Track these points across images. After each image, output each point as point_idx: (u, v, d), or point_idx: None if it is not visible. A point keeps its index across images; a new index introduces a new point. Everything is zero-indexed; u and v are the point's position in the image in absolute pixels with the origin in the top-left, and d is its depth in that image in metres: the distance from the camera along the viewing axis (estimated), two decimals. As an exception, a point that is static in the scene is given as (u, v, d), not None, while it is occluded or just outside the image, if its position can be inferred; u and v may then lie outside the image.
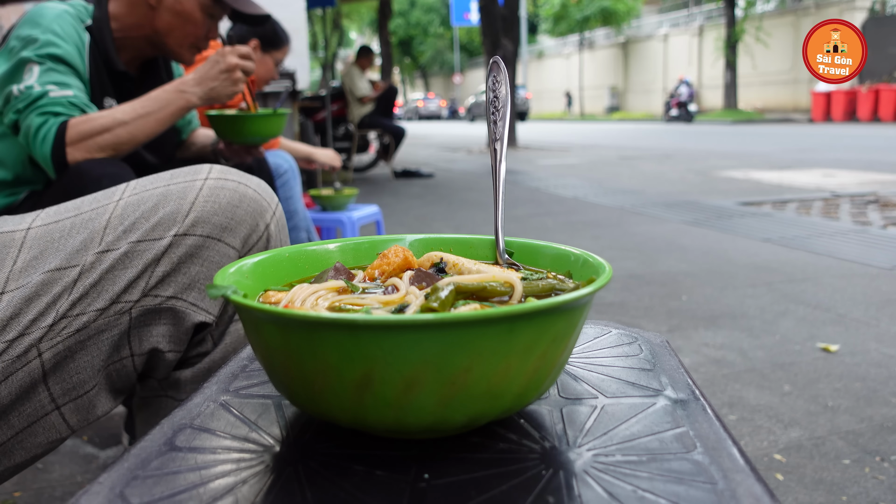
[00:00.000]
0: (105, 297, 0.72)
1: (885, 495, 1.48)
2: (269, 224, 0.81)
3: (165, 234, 0.74)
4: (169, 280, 0.75)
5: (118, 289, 0.72)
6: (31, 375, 0.70)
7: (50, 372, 0.71)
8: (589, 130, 20.26)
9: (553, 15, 34.75)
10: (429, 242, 0.64)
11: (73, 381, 0.73)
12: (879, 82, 18.51)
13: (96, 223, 0.74)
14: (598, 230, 4.62)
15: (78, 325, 0.71)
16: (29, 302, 0.70)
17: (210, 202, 0.76)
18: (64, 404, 0.73)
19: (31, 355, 0.69)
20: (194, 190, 0.77)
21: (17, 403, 0.70)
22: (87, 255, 0.72)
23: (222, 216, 0.77)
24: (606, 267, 0.50)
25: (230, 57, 1.48)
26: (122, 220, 0.74)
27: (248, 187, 0.80)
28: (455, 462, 0.42)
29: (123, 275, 0.73)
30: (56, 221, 0.76)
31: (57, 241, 0.74)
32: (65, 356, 0.71)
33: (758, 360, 2.27)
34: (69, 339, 0.71)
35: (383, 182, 7.80)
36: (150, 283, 0.74)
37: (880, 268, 3.38)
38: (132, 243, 0.73)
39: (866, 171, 7.27)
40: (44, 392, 0.71)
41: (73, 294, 0.71)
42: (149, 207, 0.75)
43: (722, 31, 23.28)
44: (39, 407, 0.71)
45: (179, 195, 0.76)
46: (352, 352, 0.39)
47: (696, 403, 0.49)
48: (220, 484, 0.40)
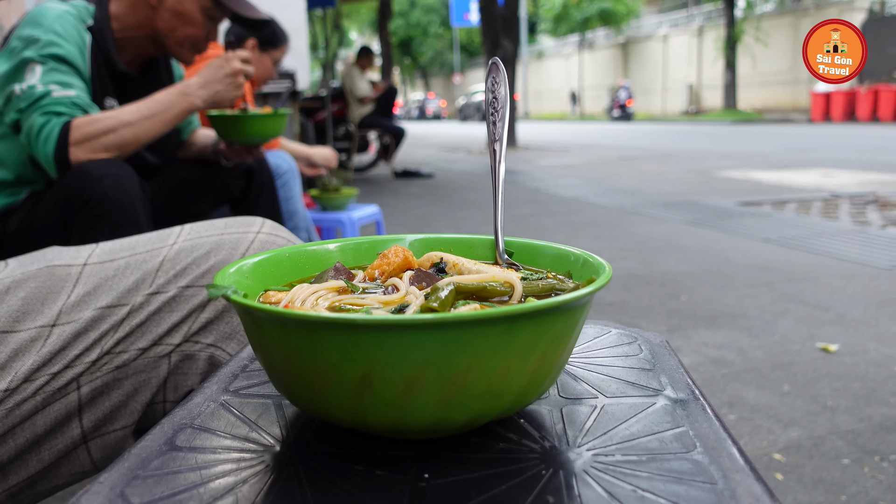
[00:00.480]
0: (148, 338, 0.73)
1: (884, 495, 1.48)
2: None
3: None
4: (211, 328, 0.76)
5: (162, 331, 0.74)
6: (68, 408, 0.71)
7: (85, 406, 0.72)
8: (589, 130, 20.26)
9: (553, 16, 34.77)
10: (429, 242, 0.64)
11: (105, 416, 0.74)
12: (879, 82, 18.51)
13: (149, 265, 0.76)
14: (598, 230, 4.62)
15: (118, 363, 0.72)
16: (77, 337, 0.71)
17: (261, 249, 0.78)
18: (92, 439, 0.73)
19: (70, 388, 0.71)
20: (246, 242, 0.79)
21: (50, 435, 0.71)
22: (137, 295, 0.74)
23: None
24: (606, 267, 0.50)
25: (234, 62, 1.49)
26: (175, 264, 0.76)
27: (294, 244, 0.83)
28: (455, 462, 0.42)
29: (169, 318, 0.74)
30: (111, 260, 0.77)
31: (111, 279, 0.75)
32: (101, 391, 0.73)
33: (757, 359, 2.27)
34: (108, 375, 0.72)
35: (383, 182, 7.80)
36: (192, 329, 0.75)
37: (879, 268, 3.38)
38: (181, 288, 0.75)
39: (865, 172, 7.27)
40: (76, 426, 0.72)
41: (119, 332, 0.72)
42: (201, 254, 0.77)
43: (721, 32, 23.29)
44: (70, 442, 0.72)
45: (232, 245, 0.78)
46: (352, 352, 0.39)
47: (696, 403, 0.49)
48: (220, 483, 0.40)
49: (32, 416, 0.69)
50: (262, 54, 2.98)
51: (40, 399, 0.69)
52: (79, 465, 0.74)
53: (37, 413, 0.69)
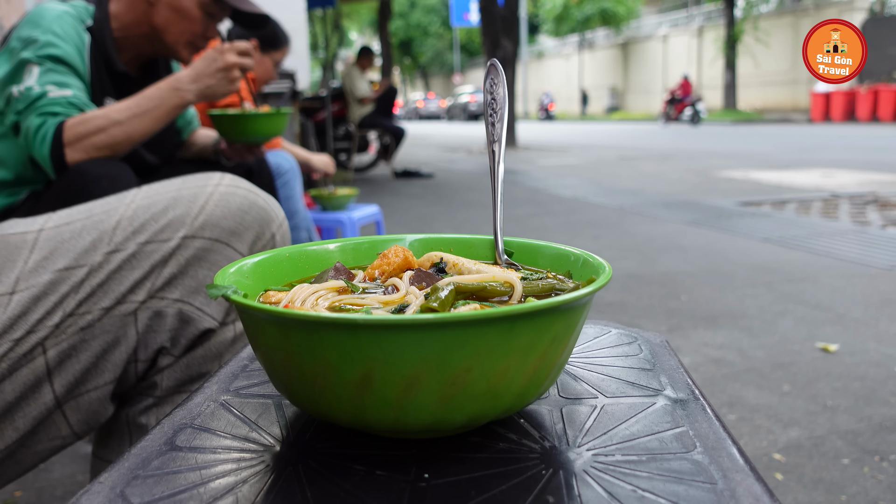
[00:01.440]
0: (111, 297, 0.73)
1: (884, 494, 1.48)
2: (276, 233, 0.83)
3: (174, 235, 0.75)
4: (176, 282, 0.75)
5: (124, 289, 0.73)
6: (36, 373, 0.71)
7: (54, 369, 0.72)
8: (589, 130, 20.26)
9: (554, 16, 34.79)
10: (429, 242, 0.64)
11: (76, 378, 0.73)
12: (878, 82, 18.52)
13: (106, 224, 0.75)
14: (598, 230, 4.62)
15: (83, 324, 0.72)
16: (37, 301, 0.71)
17: (220, 206, 0.77)
18: (66, 402, 0.73)
19: (36, 353, 0.70)
20: (205, 194, 0.78)
21: (21, 402, 0.71)
22: (95, 255, 0.73)
23: (231, 220, 0.78)
24: (606, 267, 0.50)
25: (228, 55, 1.47)
26: (133, 221, 0.75)
27: (258, 196, 0.82)
28: (455, 462, 0.42)
29: (130, 275, 0.73)
30: (67, 223, 0.76)
31: (67, 241, 0.74)
32: (69, 354, 0.72)
33: (757, 359, 2.27)
34: (74, 337, 0.72)
35: (383, 182, 7.80)
36: (156, 285, 0.74)
37: (879, 268, 3.38)
38: (140, 244, 0.74)
39: (865, 171, 7.27)
40: (48, 390, 0.72)
41: (80, 293, 0.72)
42: (159, 210, 0.76)
43: (721, 32, 23.30)
44: (43, 406, 0.72)
45: (190, 199, 0.77)
46: (352, 352, 0.39)
47: (696, 403, 0.49)
48: (220, 483, 0.40)
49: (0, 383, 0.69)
50: (263, 55, 2.98)
51: (6, 366, 0.69)
52: (56, 431, 0.74)
53: (4, 381, 0.69)
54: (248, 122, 1.72)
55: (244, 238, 0.79)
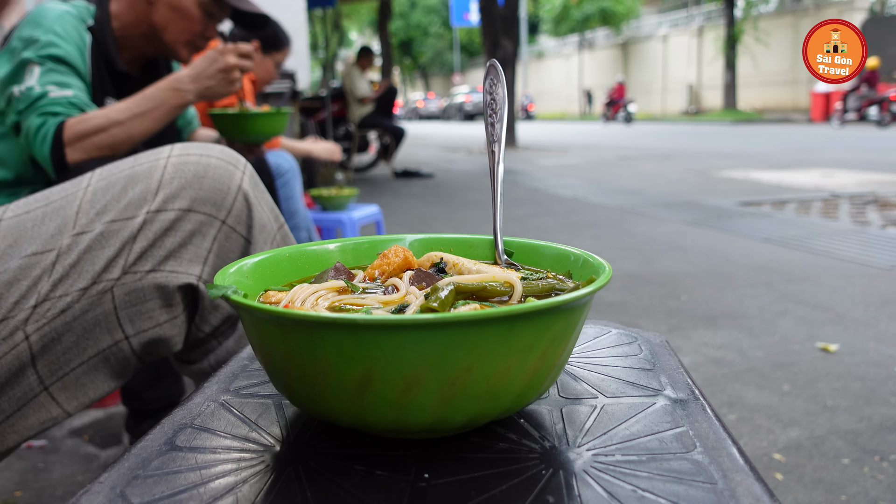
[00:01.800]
0: (86, 277, 0.74)
1: (884, 494, 1.48)
2: (241, 183, 0.83)
3: (138, 212, 0.76)
4: (147, 255, 0.76)
5: (98, 268, 0.74)
6: (20, 358, 0.72)
7: (38, 355, 0.73)
8: (589, 131, 20.26)
9: (554, 16, 34.80)
10: (429, 242, 0.64)
11: (60, 361, 0.74)
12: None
13: (68, 210, 0.77)
14: (598, 230, 4.62)
15: (62, 306, 0.73)
16: (9, 286, 0.72)
17: (177, 178, 0.78)
18: (51, 384, 0.74)
19: (17, 338, 0.71)
20: (159, 168, 0.79)
21: (6, 387, 0.72)
22: (62, 238, 0.75)
23: (190, 189, 0.79)
24: (606, 267, 0.50)
25: (229, 56, 1.47)
26: (94, 204, 0.77)
27: (211, 157, 0.82)
28: (455, 462, 0.42)
29: (102, 254, 0.74)
30: (27, 212, 0.78)
31: (30, 229, 0.76)
32: (52, 338, 0.73)
33: (757, 359, 2.27)
34: (55, 321, 0.73)
35: (383, 182, 7.80)
36: (129, 261, 0.75)
37: (879, 268, 3.38)
38: (106, 223, 0.75)
39: (865, 172, 7.27)
40: (32, 374, 0.73)
41: (53, 275, 0.73)
42: (118, 190, 0.77)
43: (721, 32, 23.30)
44: (28, 389, 0.73)
45: (146, 175, 0.78)
46: (352, 352, 0.39)
47: (696, 403, 0.49)
48: (220, 483, 0.40)
49: None
50: (264, 57, 2.98)
51: None
52: (46, 412, 0.75)
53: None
54: (248, 121, 1.72)
55: (208, 200, 0.80)
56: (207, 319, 0.85)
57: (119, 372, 0.79)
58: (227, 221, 0.80)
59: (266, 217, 0.86)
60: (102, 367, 0.77)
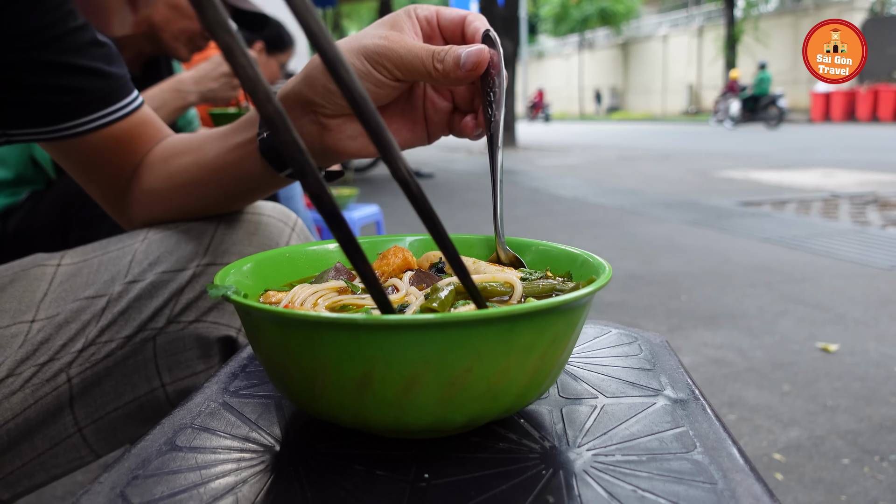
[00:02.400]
0: (132, 325, 0.76)
1: (884, 495, 1.48)
2: (290, 240, 0.85)
3: (188, 265, 0.78)
4: (192, 306, 0.78)
5: (145, 317, 0.76)
6: (59, 399, 0.73)
7: (77, 397, 0.74)
8: (589, 131, 20.26)
9: (553, 16, 34.79)
10: (429, 242, 0.64)
11: (97, 405, 0.76)
12: (878, 82, 18.53)
13: (123, 260, 0.79)
14: (598, 230, 4.62)
15: (106, 352, 0.75)
16: (59, 328, 0.73)
17: (228, 234, 0.81)
18: (85, 426, 0.76)
19: (60, 379, 0.73)
20: (212, 225, 0.81)
21: (42, 426, 0.73)
22: (115, 286, 0.77)
23: (240, 244, 0.81)
24: (606, 267, 0.50)
25: None
26: (147, 255, 0.79)
27: (262, 215, 0.85)
28: (455, 462, 0.42)
29: (150, 303, 0.77)
30: (84, 260, 0.80)
31: (86, 276, 0.78)
32: (92, 382, 0.75)
33: (757, 359, 2.27)
34: (98, 366, 0.75)
35: (383, 182, 7.80)
36: (174, 311, 0.77)
37: (879, 268, 3.38)
38: (158, 274, 0.77)
39: (865, 172, 7.27)
40: (69, 416, 0.75)
41: (101, 321, 0.75)
42: (172, 243, 0.80)
43: (721, 32, 23.31)
44: (63, 430, 0.75)
45: (200, 231, 0.81)
46: (352, 352, 0.39)
47: (696, 403, 0.49)
48: (220, 483, 0.40)
49: (24, 410, 0.71)
50: (269, 58, 2.99)
51: (29, 392, 0.71)
52: (76, 453, 0.76)
53: (28, 407, 0.72)
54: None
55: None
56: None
57: (150, 417, 0.81)
58: None
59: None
60: (136, 413, 0.79)
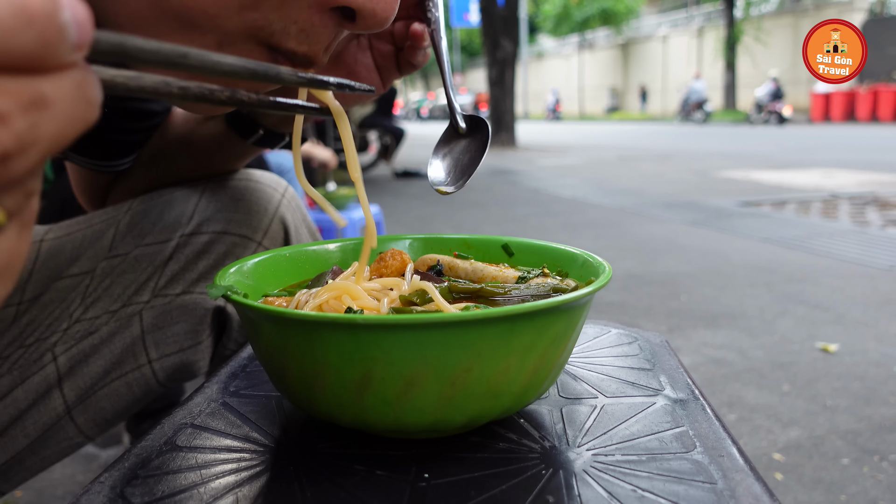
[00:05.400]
0: (116, 300, 0.74)
1: (883, 494, 1.48)
2: (279, 207, 0.82)
3: (172, 235, 0.76)
4: (178, 278, 0.76)
5: (129, 291, 0.74)
6: (47, 380, 0.72)
7: (65, 376, 0.73)
8: (588, 131, 20.26)
9: (554, 16, 34.79)
10: (429, 242, 0.64)
11: (86, 384, 0.74)
12: (878, 83, 18.53)
13: (107, 233, 0.77)
14: (598, 230, 4.62)
15: (91, 328, 0.73)
16: (44, 308, 0.72)
17: (213, 201, 0.78)
18: (75, 407, 0.74)
19: (46, 359, 0.71)
20: (196, 193, 0.78)
21: (32, 409, 0.72)
22: (98, 260, 0.74)
23: (226, 211, 0.78)
24: (606, 267, 0.50)
25: None
26: (131, 228, 0.77)
27: (250, 181, 0.82)
28: (455, 462, 0.42)
29: (133, 277, 0.74)
30: (67, 234, 0.78)
31: (69, 252, 0.76)
32: (79, 360, 0.73)
33: (757, 359, 2.27)
34: (83, 343, 0.73)
35: (383, 182, 7.80)
36: (159, 284, 0.75)
37: (879, 268, 3.38)
38: (141, 247, 0.75)
39: (865, 172, 7.27)
40: (58, 398, 0.73)
41: (86, 299, 0.73)
42: (155, 214, 0.77)
43: (721, 32, 23.32)
44: (53, 412, 0.73)
45: (183, 199, 0.78)
46: (352, 352, 0.39)
47: (696, 403, 0.49)
48: (220, 483, 0.40)
49: (12, 390, 0.70)
50: None
51: (17, 373, 0.70)
52: (66, 437, 0.75)
53: (16, 388, 0.70)
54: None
55: (244, 222, 0.79)
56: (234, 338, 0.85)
57: (139, 397, 0.79)
58: (263, 243, 0.79)
59: (304, 240, 0.86)
60: (125, 392, 0.77)
